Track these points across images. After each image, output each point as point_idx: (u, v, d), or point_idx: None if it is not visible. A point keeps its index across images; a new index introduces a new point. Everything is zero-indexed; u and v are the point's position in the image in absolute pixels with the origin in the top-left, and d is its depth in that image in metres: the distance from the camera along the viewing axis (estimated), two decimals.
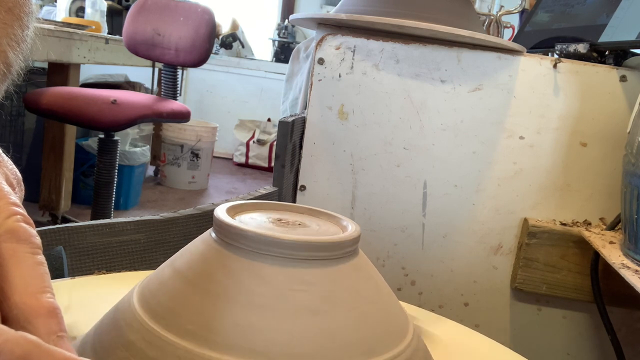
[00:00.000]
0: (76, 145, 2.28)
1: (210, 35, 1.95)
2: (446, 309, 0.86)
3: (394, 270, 0.85)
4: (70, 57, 1.95)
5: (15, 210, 0.28)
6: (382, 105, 0.81)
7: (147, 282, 0.36)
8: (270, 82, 4.13)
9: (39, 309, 0.25)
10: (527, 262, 0.80)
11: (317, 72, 0.81)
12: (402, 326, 0.36)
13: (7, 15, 0.41)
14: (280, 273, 0.32)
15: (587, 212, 0.82)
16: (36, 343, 0.23)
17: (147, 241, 0.64)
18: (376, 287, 0.37)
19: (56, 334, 0.25)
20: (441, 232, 0.84)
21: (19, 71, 0.43)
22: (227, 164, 4.08)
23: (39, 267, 0.27)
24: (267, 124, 4.09)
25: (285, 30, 4.24)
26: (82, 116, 1.65)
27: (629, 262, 0.62)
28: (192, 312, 0.32)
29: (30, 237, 0.28)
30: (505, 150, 0.81)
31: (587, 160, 0.81)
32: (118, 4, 2.80)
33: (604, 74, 0.79)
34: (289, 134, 0.80)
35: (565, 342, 0.86)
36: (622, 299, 0.78)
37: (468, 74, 0.80)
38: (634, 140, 0.63)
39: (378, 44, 0.80)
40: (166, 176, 3.20)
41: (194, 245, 0.36)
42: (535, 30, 0.98)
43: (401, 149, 0.82)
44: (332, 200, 0.84)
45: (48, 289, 0.26)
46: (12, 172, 0.34)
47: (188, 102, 4.03)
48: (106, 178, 1.85)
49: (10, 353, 0.22)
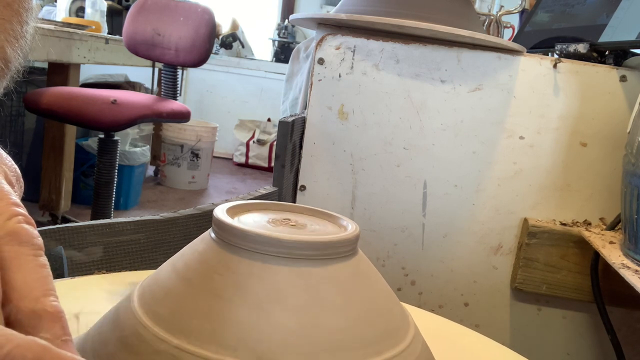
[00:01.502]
0: (76, 145, 2.28)
1: (210, 35, 1.95)
2: (446, 309, 0.86)
3: (394, 270, 0.85)
4: (70, 57, 1.95)
5: (16, 210, 0.28)
6: (382, 105, 0.81)
7: (148, 282, 0.36)
8: (270, 82, 4.13)
9: (42, 313, 0.25)
10: (527, 262, 0.80)
11: (317, 72, 0.81)
12: (402, 325, 0.36)
13: (6, 10, 0.40)
14: (280, 273, 0.32)
15: (587, 212, 0.82)
16: (47, 347, 0.22)
17: (147, 241, 0.64)
18: (376, 287, 0.37)
19: (61, 338, 0.25)
20: (441, 232, 0.84)
21: (18, 68, 0.42)
22: (227, 164, 4.08)
23: (41, 269, 0.27)
24: (267, 124, 4.09)
25: (285, 30, 4.24)
26: (82, 116, 1.65)
27: (629, 262, 0.62)
28: (193, 312, 0.32)
29: (32, 238, 0.27)
30: (505, 150, 0.81)
31: (587, 160, 0.81)
32: (118, 4, 2.80)
33: (604, 74, 0.79)
34: (289, 134, 0.80)
35: (565, 342, 0.86)
36: (622, 299, 0.78)
37: (468, 74, 0.80)
38: (634, 140, 0.63)
39: (378, 44, 0.80)
40: (166, 176, 3.20)
41: (194, 246, 0.36)
42: (535, 30, 0.98)
43: (401, 149, 0.82)
44: (332, 200, 0.84)
45: (51, 291, 0.26)
46: (11, 169, 0.33)
47: (188, 102, 4.03)
48: (106, 178, 1.85)
49: (22, 358, 0.22)
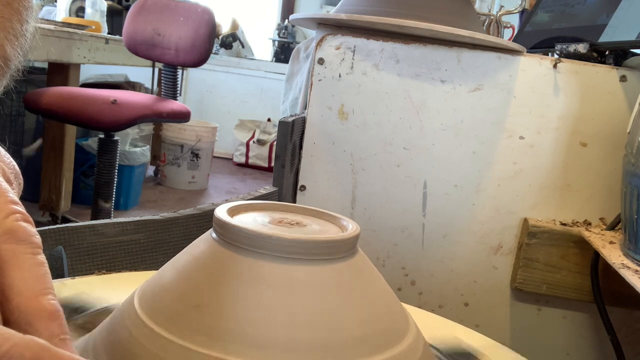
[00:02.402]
0: (76, 145, 2.28)
1: (210, 35, 1.95)
2: (446, 309, 0.86)
3: (394, 270, 0.85)
4: (70, 57, 1.95)
5: (14, 208, 0.27)
6: (382, 105, 0.81)
7: (148, 283, 0.36)
8: (270, 82, 4.13)
9: (40, 312, 0.25)
10: (527, 262, 0.80)
11: (317, 72, 0.81)
12: (402, 325, 0.36)
13: (5, 8, 0.40)
14: (280, 272, 0.32)
15: (587, 212, 0.82)
16: (46, 346, 0.22)
17: (147, 241, 0.64)
18: (376, 286, 0.37)
19: (58, 337, 0.25)
20: (441, 232, 0.84)
21: (18, 67, 0.42)
22: (227, 164, 4.08)
23: (39, 267, 0.26)
24: (267, 124, 4.09)
25: (285, 30, 4.24)
26: (82, 116, 1.65)
27: (629, 262, 0.62)
28: (194, 313, 0.32)
29: (30, 236, 0.27)
30: (505, 150, 0.81)
31: (587, 160, 0.81)
32: (118, 4, 2.80)
33: (604, 74, 0.79)
34: (289, 134, 0.80)
35: (565, 342, 0.86)
36: (622, 299, 0.78)
37: (468, 74, 0.80)
38: (634, 140, 0.63)
39: (378, 44, 0.80)
40: (166, 176, 3.20)
41: (195, 246, 0.36)
42: (535, 30, 0.98)
43: (401, 149, 0.82)
44: (332, 200, 0.84)
45: (49, 290, 0.26)
46: (9, 166, 0.33)
47: (188, 102, 4.03)
48: (106, 178, 1.85)
49: (20, 357, 0.22)
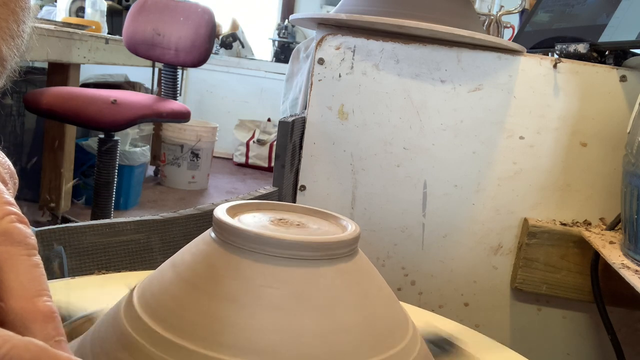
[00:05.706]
0: (76, 145, 2.28)
1: (210, 35, 1.95)
2: (446, 309, 0.86)
3: (394, 270, 0.85)
4: (70, 57, 1.95)
5: (9, 210, 0.27)
6: (382, 105, 0.81)
7: (147, 282, 0.36)
8: (270, 82, 4.13)
9: (35, 314, 0.25)
10: (527, 262, 0.80)
11: (317, 72, 0.81)
12: (402, 325, 0.36)
13: (2, 9, 0.39)
14: (280, 273, 0.32)
15: (587, 212, 0.82)
16: (45, 348, 0.22)
17: (147, 241, 0.64)
18: (376, 287, 0.37)
19: (54, 339, 0.25)
20: (441, 232, 0.84)
21: (15, 67, 0.41)
22: (227, 164, 4.08)
23: (35, 269, 0.26)
24: (267, 124, 4.09)
25: (285, 30, 4.24)
26: (82, 116, 1.65)
27: (629, 262, 0.62)
28: (194, 312, 0.32)
29: (25, 238, 0.27)
30: (505, 150, 0.81)
31: (587, 160, 0.81)
32: (118, 4, 2.80)
33: (604, 74, 0.79)
34: (289, 134, 0.80)
35: (565, 342, 0.86)
36: (622, 299, 0.78)
37: (468, 74, 0.80)
38: (634, 140, 0.63)
39: (378, 44, 0.80)
40: (166, 176, 3.20)
41: (194, 246, 0.36)
42: (535, 30, 0.98)
43: (401, 149, 0.82)
44: (332, 200, 0.84)
45: (45, 292, 0.26)
46: (4, 166, 0.33)
47: (188, 102, 4.03)
48: (106, 178, 1.85)
49: (19, 359, 0.22)
